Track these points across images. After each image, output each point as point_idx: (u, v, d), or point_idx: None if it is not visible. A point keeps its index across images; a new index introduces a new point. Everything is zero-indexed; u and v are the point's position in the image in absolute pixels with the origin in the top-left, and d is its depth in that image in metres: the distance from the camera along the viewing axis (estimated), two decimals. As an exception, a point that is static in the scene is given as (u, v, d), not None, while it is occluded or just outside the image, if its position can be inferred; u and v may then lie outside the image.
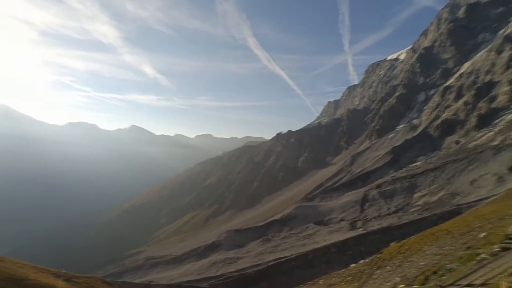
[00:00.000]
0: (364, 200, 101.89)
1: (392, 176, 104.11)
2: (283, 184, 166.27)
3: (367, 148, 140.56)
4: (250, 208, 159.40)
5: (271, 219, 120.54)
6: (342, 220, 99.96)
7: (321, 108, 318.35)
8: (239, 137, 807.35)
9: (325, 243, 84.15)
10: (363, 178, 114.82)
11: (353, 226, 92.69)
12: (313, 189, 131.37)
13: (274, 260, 75.95)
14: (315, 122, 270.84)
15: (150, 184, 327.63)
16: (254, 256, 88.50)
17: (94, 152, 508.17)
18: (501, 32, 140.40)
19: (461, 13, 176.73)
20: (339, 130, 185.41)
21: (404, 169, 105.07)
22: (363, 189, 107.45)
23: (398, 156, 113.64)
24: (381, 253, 32.81)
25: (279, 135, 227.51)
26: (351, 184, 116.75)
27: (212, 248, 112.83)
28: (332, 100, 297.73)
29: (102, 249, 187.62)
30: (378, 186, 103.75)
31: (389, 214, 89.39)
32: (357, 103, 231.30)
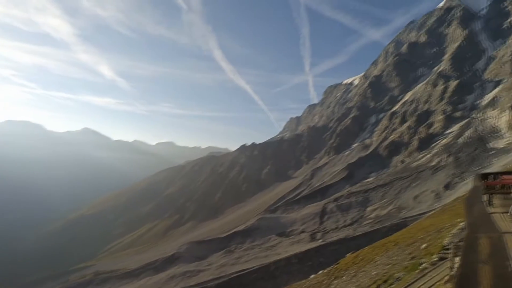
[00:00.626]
0: (323, 212, 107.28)
1: (348, 191, 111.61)
2: (247, 195, 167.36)
3: (326, 164, 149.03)
4: (212, 219, 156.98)
5: (234, 231, 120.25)
6: (303, 231, 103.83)
7: (283, 123, 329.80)
8: (202, 146, 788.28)
9: (286, 254, 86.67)
10: (322, 192, 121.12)
11: (313, 238, 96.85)
12: (276, 201, 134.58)
13: (237, 272, 75.85)
14: (278, 136, 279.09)
15: (104, 192, 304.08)
16: (216, 268, 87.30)
17: (38, 154, 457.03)
18: (435, 68, 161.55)
19: (404, 49, 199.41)
20: (300, 145, 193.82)
21: (358, 184, 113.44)
22: (322, 202, 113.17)
23: (353, 172, 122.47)
24: (338, 263, 34.26)
25: (243, 147, 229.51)
26: (311, 197, 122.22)
27: (171, 260, 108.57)
28: (294, 116, 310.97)
29: (44, 263, 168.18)
30: (336, 200, 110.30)
31: (345, 226, 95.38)
32: (316, 120, 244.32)
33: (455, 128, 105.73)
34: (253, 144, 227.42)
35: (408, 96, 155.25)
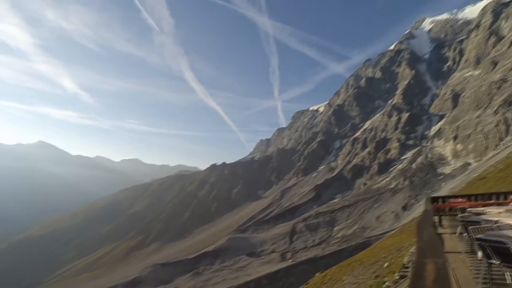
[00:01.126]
0: (293, 232, 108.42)
1: (316, 211, 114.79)
2: (216, 215, 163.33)
3: (295, 184, 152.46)
4: (180, 239, 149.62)
5: (202, 251, 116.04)
6: (273, 251, 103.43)
7: (254, 145, 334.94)
8: (171, 164, 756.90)
9: (257, 275, 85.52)
10: (292, 212, 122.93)
11: (283, 257, 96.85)
12: (246, 221, 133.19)
13: (206, 295, 72.90)
14: (248, 157, 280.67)
15: (59, 211, 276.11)
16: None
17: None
18: (390, 101, 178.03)
19: (362, 82, 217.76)
20: (270, 166, 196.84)
21: (325, 204, 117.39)
22: (291, 222, 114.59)
23: (321, 193, 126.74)
24: (307, 283, 34.13)
25: (213, 166, 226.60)
26: (281, 217, 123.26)
27: (133, 285, 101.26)
28: (264, 138, 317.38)
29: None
30: (305, 220, 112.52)
31: (314, 245, 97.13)
32: (285, 143, 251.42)
33: (409, 154, 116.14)
34: (223, 163, 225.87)
35: (367, 125, 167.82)
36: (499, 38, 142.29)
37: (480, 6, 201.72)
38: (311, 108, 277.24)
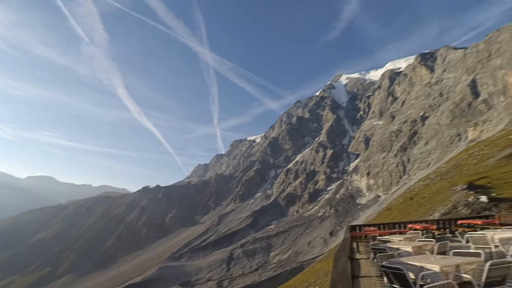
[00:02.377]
0: (230, 258, 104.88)
1: (253, 237, 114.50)
2: (147, 241, 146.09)
3: (232, 210, 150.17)
4: (100, 270, 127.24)
5: (127, 283, 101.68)
6: (209, 279, 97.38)
7: (191, 169, 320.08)
8: (94, 185, 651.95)
9: (193, 306, 78.89)
10: (229, 238, 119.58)
11: (219, 286, 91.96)
12: (181, 248, 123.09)
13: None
14: (185, 180, 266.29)
15: None
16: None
17: None
18: (317, 139, 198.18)
19: (294, 120, 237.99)
20: (208, 191, 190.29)
21: (262, 230, 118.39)
22: (229, 248, 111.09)
23: (257, 219, 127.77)
24: None
25: (146, 188, 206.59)
26: (219, 243, 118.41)
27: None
28: (202, 163, 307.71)
29: None
30: (242, 246, 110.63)
31: (251, 271, 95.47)
32: (224, 169, 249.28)
33: (334, 186, 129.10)
34: (157, 186, 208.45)
35: (299, 157, 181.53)
36: (394, 98, 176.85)
37: (380, 71, 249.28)
38: (248, 138, 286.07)
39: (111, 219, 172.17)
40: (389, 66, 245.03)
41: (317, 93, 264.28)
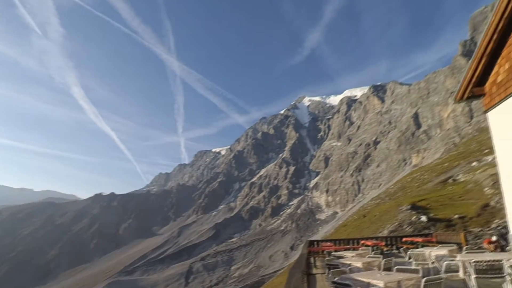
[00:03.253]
0: (189, 272, 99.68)
1: (215, 250, 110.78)
2: (96, 253, 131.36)
3: (194, 222, 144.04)
4: (38, 285, 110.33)
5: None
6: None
7: (151, 177, 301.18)
8: (36, 189, 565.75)
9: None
10: (189, 251, 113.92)
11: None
12: (135, 261, 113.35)
13: None
14: (144, 189, 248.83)
15: None
16: None
17: None
18: (280, 155, 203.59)
19: (259, 135, 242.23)
20: (169, 201, 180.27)
21: (224, 243, 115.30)
22: (188, 261, 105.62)
23: (220, 232, 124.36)
24: None
25: (98, 195, 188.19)
26: (177, 256, 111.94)
27: None
28: (163, 172, 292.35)
29: None
30: (203, 259, 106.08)
31: (211, 286, 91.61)
32: (186, 179, 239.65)
33: (295, 201, 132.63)
34: (112, 194, 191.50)
35: (263, 172, 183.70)
36: (351, 122, 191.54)
37: (339, 97, 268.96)
38: (213, 150, 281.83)
39: (55, 228, 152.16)
40: (347, 93, 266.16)
41: (282, 112, 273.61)
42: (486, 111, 8.80)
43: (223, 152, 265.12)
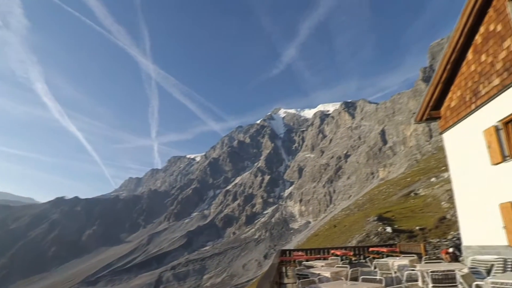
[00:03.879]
0: (158, 282, 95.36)
1: (186, 258, 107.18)
2: (54, 262, 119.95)
3: (165, 229, 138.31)
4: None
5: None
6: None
7: (121, 182, 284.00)
8: None
9: None
10: (159, 259, 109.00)
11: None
12: (99, 270, 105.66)
13: None
14: (112, 194, 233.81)
15: None
16: None
17: None
18: (256, 164, 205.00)
19: (235, 143, 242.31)
20: (139, 207, 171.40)
21: (196, 252, 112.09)
22: (158, 271, 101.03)
23: (192, 240, 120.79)
24: None
25: (59, 199, 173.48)
26: (146, 264, 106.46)
27: None
28: (134, 176, 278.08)
29: None
30: (173, 268, 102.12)
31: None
32: (159, 185, 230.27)
33: (270, 210, 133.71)
34: (75, 198, 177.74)
35: (238, 180, 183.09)
36: (324, 136, 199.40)
37: (313, 111, 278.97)
38: (188, 156, 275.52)
39: (7, 234, 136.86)
40: (320, 107, 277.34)
41: (258, 122, 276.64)
42: (441, 133, 9.79)
43: (198, 159, 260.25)
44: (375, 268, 9.27)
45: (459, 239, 9.06)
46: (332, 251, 14.74)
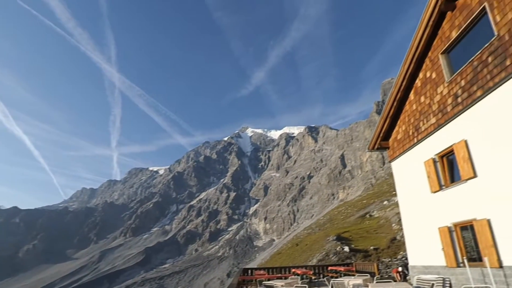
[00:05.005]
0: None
1: (143, 277, 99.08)
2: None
3: (121, 245, 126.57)
4: None
5: None
6: (76, 332, 75.62)
7: (72, 192, 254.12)
8: None
9: None
10: (111, 278, 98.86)
11: None
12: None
13: None
14: (61, 205, 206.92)
15: None
16: None
17: None
18: (222, 180, 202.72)
19: (201, 159, 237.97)
20: (91, 220, 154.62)
21: (154, 270, 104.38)
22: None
23: (150, 257, 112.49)
24: None
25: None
26: (96, 284, 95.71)
27: None
28: (88, 187, 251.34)
29: None
30: (127, 287, 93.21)
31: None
32: (116, 197, 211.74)
33: (234, 227, 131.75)
34: (14, 208, 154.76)
35: (203, 195, 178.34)
36: (289, 156, 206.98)
37: (279, 132, 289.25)
38: (151, 168, 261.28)
39: None
40: (286, 130, 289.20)
41: (226, 138, 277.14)
42: (390, 161, 10.58)
43: (161, 172, 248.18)
44: (332, 287, 9.51)
45: (407, 258, 9.89)
46: (293, 270, 14.43)
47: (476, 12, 6.81)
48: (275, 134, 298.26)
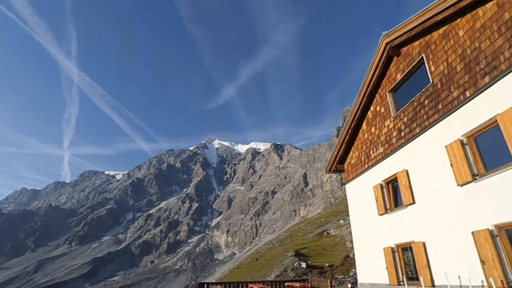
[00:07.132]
0: (44, 322, 74.60)
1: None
2: None
3: (64, 254, 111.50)
4: None
5: None
6: None
7: (9, 192, 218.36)
8: None
9: None
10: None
11: None
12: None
13: None
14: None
15: None
16: None
17: None
18: (185, 190, 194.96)
19: (164, 166, 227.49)
20: (30, 225, 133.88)
21: (102, 283, 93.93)
22: (46, 307, 79.28)
23: (98, 268, 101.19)
24: None
25: None
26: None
27: None
28: (30, 188, 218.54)
29: None
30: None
31: (75, 338, 70.69)
32: (63, 201, 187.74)
33: (195, 239, 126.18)
34: None
35: (163, 204, 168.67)
36: (254, 171, 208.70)
37: (246, 147, 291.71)
38: (107, 172, 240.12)
39: None
40: (253, 145, 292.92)
41: (192, 148, 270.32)
42: (344, 184, 11.13)
43: (118, 177, 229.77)
44: None
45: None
46: (250, 285, 14.27)
47: (416, 61, 7.72)
48: (242, 148, 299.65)
